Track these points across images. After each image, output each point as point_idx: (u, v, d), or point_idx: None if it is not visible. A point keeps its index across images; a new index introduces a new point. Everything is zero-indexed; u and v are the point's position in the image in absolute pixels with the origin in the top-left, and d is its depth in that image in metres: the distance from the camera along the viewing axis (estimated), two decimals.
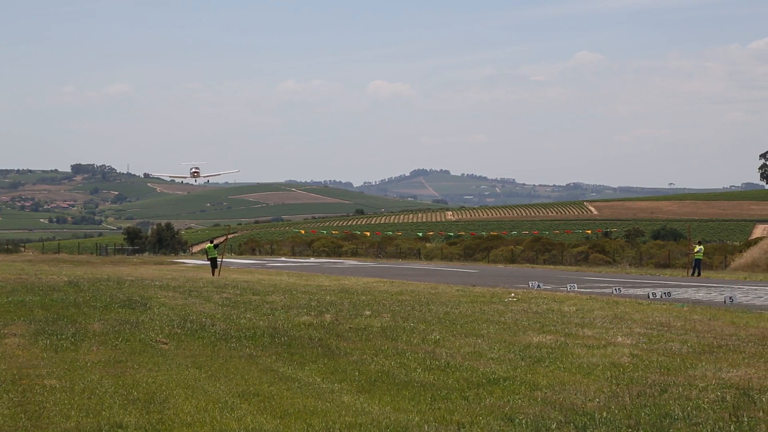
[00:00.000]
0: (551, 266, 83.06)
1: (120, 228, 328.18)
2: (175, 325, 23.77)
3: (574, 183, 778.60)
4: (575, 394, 14.61)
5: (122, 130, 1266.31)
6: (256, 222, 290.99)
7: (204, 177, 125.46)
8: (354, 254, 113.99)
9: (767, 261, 73.04)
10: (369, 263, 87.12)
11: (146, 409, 13.68)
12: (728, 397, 14.10)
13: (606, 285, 45.64)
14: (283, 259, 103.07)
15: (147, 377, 16.21)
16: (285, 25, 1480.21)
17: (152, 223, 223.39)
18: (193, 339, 21.36)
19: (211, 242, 61.77)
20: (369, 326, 24.01)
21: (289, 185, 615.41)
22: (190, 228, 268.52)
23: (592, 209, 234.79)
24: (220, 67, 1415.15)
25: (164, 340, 20.98)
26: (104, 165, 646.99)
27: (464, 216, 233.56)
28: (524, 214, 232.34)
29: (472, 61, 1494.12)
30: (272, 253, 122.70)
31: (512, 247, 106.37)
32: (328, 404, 14.04)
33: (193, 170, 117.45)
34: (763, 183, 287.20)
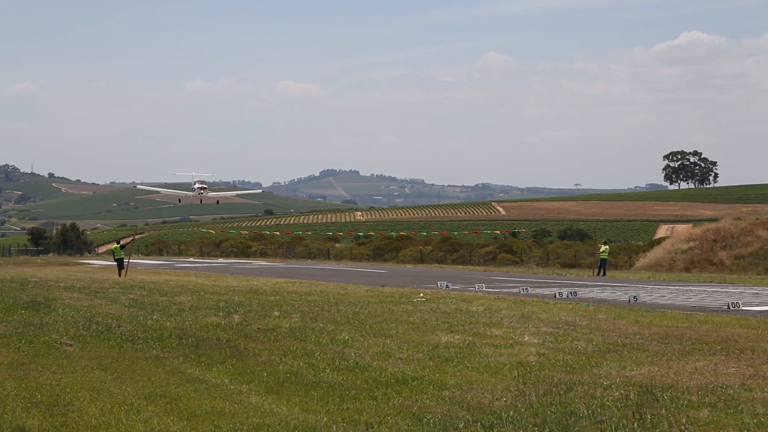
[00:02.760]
0: (460, 266, 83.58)
1: (24, 228, 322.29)
2: (81, 327, 23.43)
3: (482, 183, 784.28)
4: (483, 394, 14.71)
5: (25, 129, 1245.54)
6: (164, 222, 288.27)
7: (214, 195, 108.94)
8: (263, 255, 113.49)
9: (670, 261, 74.37)
10: (278, 264, 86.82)
11: (50, 412, 13.45)
12: (632, 395, 14.31)
13: (513, 285, 46.05)
14: (191, 259, 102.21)
15: (51, 380, 15.95)
16: (192, 25, 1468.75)
17: (57, 223, 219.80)
18: (98, 341, 21.08)
19: (118, 243, 60.99)
20: (278, 327, 23.93)
21: None
22: (96, 228, 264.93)
23: (500, 210, 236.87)
24: (127, 66, 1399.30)
25: (69, 342, 20.67)
26: (7, 164, 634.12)
27: (373, 216, 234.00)
28: (433, 215, 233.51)
29: (380, 62, 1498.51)
30: (180, 253, 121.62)
31: (421, 247, 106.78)
32: (236, 405, 13.95)
33: (200, 186, 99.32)
34: (667, 184, 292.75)
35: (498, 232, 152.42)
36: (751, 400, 13.86)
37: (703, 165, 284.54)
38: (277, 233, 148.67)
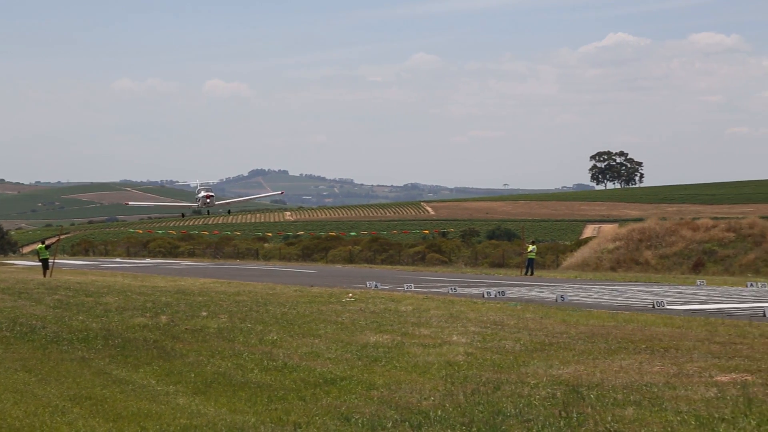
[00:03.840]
0: (389, 266, 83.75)
1: None
2: (4, 328, 23.11)
3: (411, 183, 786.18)
4: (411, 393, 14.74)
5: None
6: (90, 222, 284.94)
7: (224, 204, 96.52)
8: (191, 255, 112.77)
9: (597, 260, 75.20)
10: (206, 264, 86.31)
11: None
12: (558, 394, 14.42)
13: (442, 284, 46.23)
14: (118, 260, 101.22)
15: None
16: (119, 23, 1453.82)
17: None
18: (22, 342, 20.80)
19: (43, 243, 60.26)
20: (205, 327, 23.79)
21: (125, 185, 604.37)
22: (20, 228, 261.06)
23: (429, 209, 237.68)
24: (53, 64, 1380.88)
25: None
26: None
27: (303, 216, 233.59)
28: (362, 215, 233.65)
29: (309, 62, 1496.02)
30: (107, 254, 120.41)
31: (350, 247, 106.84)
32: (163, 407, 13.83)
33: (206, 194, 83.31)
34: (594, 184, 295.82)
35: (427, 231, 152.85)
36: (674, 398, 14.04)
37: (629, 165, 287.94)
38: (206, 233, 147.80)
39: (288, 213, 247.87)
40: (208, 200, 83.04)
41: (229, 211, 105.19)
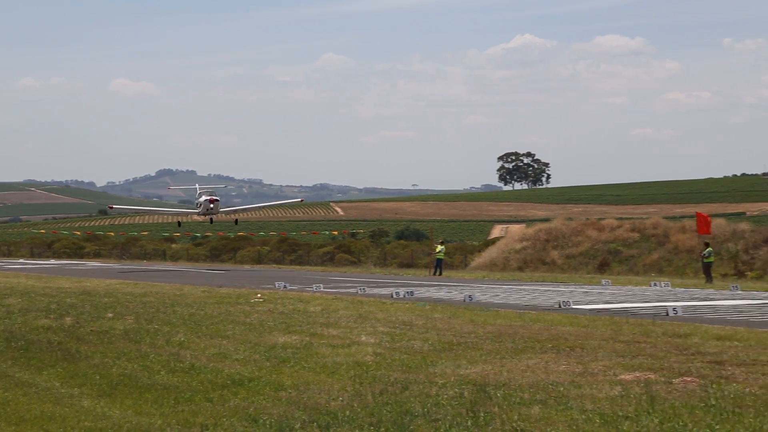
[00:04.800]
0: (298, 267, 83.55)
1: None
2: None
3: (321, 184, 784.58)
4: (319, 394, 14.72)
5: None
6: None
7: (231, 212, 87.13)
8: (97, 255, 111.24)
9: (504, 260, 75.86)
10: (112, 264, 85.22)
11: None
12: (466, 393, 14.51)
13: (351, 285, 46.24)
14: (21, 260, 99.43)
15: None
16: (23, 19, 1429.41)
17: None
18: None
19: None
20: (111, 329, 23.49)
21: (28, 185, 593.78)
22: None
23: (339, 210, 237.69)
24: None
25: None
26: None
27: None
28: (271, 215, 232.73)
29: (218, 61, 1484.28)
30: (9, 254, 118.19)
31: (259, 247, 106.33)
32: (67, 409, 13.63)
33: (209, 198, 75.10)
34: (501, 184, 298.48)
35: (336, 232, 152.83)
36: (580, 396, 14.21)
37: (536, 166, 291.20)
38: (112, 234, 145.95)
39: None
40: (212, 205, 74.34)
41: (236, 221, 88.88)
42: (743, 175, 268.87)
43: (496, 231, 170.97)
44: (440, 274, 63.19)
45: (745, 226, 72.01)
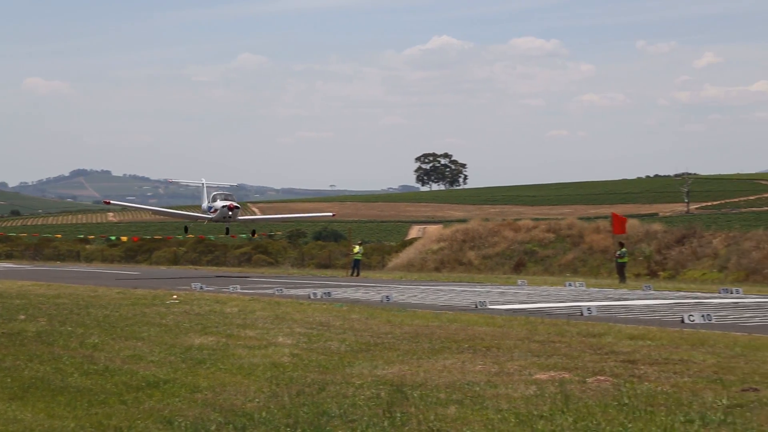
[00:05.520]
0: (214, 267, 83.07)
1: None
2: None
3: (238, 184, 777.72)
4: (236, 395, 14.64)
5: None
6: None
7: (249, 221, 75.26)
8: (9, 257, 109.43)
9: (422, 261, 76.18)
10: (25, 266, 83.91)
11: None
12: (383, 394, 14.52)
13: (268, 286, 46.09)
14: None
15: None
16: None
17: None
18: None
19: None
20: (23, 331, 23.12)
21: None
22: None
23: (256, 210, 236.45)
24: None
25: None
26: None
27: (126, 217, 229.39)
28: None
29: (134, 61, 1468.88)
30: None
31: (175, 248, 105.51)
32: None
33: (226, 204, 61.57)
34: (419, 185, 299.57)
35: (255, 235, 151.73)
36: (495, 396, 14.31)
37: (453, 167, 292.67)
38: (24, 234, 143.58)
39: (111, 214, 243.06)
40: (231, 213, 61.17)
41: (253, 233, 76.01)
42: (656, 176, 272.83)
43: (414, 232, 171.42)
44: (358, 274, 63.27)
45: (658, 226, 73.23)
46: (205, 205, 64.63)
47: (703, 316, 26.83)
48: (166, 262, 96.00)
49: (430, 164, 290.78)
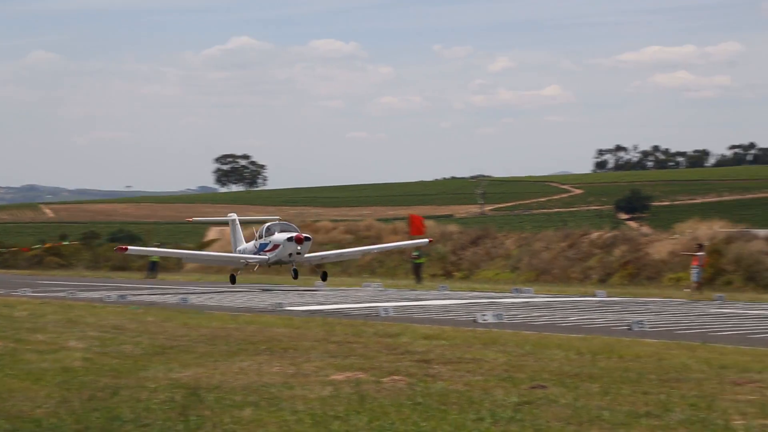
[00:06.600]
0: (4, 270, 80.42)
1: None
2: None
3: (29, 185, 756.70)
4: (24, 401, 14.18)
5: None
6: None
7: (319, 259, 51.12)
8: None
9: None
10: None
11: None
12: (178, 397, 14.32)
13: (61, 289, 44.93)
14: None
15: None
16: None
17: None
18: None
19: None
20: None
21: None
22: None
23: (48, 212, 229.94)
24: None
25: None
26: None
27: None
28: None
29: None
30: None
31: None
32: None
33: (297, 236, 46.77)
34: (218, 186, 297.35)
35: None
36: (292, 397, 14.30)
37: (253, 168, 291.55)
38: None
39: None
40: (299, 247, 46.64)
41: (324, 276, 49.60)
42: (453, 178, 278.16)
43: (213, 233, 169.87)
44: (155, 276, 62.39)
45: (454, 227, 74.78)
46: (246, 245, 50.60)
47: (495, 315, 27.51)
48: None
49: (230, 165, 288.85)
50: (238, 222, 52.69)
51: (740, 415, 12.87)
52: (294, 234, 46.78)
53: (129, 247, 51.22)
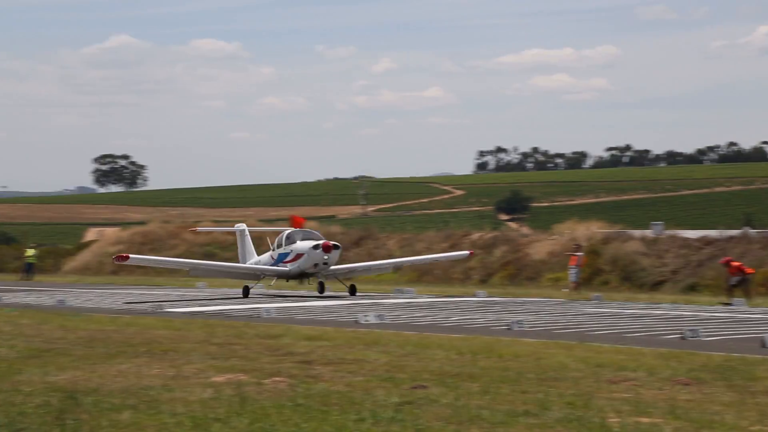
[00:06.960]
0: None
1: None
2: None
3: None
4: None
5: None
6: None
7: (347, 271, 45.77)
8: None
9: (99, 264, 74.54)
10: None
11: None
12: (54, 401, 14.05)
13: None
14: None
15: None
16: None
17: None
18: None
19: None
20: None
21: None
22: None
23: None
24: None
25: None
26: None
27: None
28: None
29: None
30: None
31: None
32: None
33: (324, 243, 42.10)
34: (97, 187, 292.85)
35: None
36: (171, 400, 14.15)
37: (133, 168, 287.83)
38: None
39: None
40: (327, 257, 41.91)
41: (353, 290, 42.59)
42: (335, 179, 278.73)
43: (91, 234, 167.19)
44: (31, 278, 61.22)
45: (336, 228, 74.85)
46: (260, 257, 46.13)
47: (377, 316, 27.64)
48: None
49: (109, 165, 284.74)
50: (247, 232, 48.36)
51: (615, 413, 13.14)
52: (321, 242, 42.10)
53: (131, 256, 42.51)
